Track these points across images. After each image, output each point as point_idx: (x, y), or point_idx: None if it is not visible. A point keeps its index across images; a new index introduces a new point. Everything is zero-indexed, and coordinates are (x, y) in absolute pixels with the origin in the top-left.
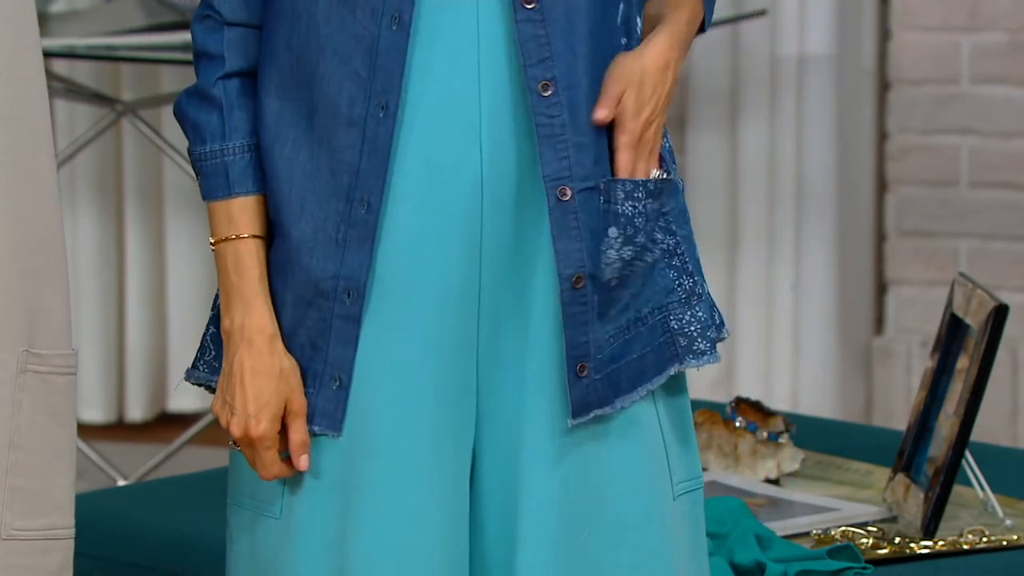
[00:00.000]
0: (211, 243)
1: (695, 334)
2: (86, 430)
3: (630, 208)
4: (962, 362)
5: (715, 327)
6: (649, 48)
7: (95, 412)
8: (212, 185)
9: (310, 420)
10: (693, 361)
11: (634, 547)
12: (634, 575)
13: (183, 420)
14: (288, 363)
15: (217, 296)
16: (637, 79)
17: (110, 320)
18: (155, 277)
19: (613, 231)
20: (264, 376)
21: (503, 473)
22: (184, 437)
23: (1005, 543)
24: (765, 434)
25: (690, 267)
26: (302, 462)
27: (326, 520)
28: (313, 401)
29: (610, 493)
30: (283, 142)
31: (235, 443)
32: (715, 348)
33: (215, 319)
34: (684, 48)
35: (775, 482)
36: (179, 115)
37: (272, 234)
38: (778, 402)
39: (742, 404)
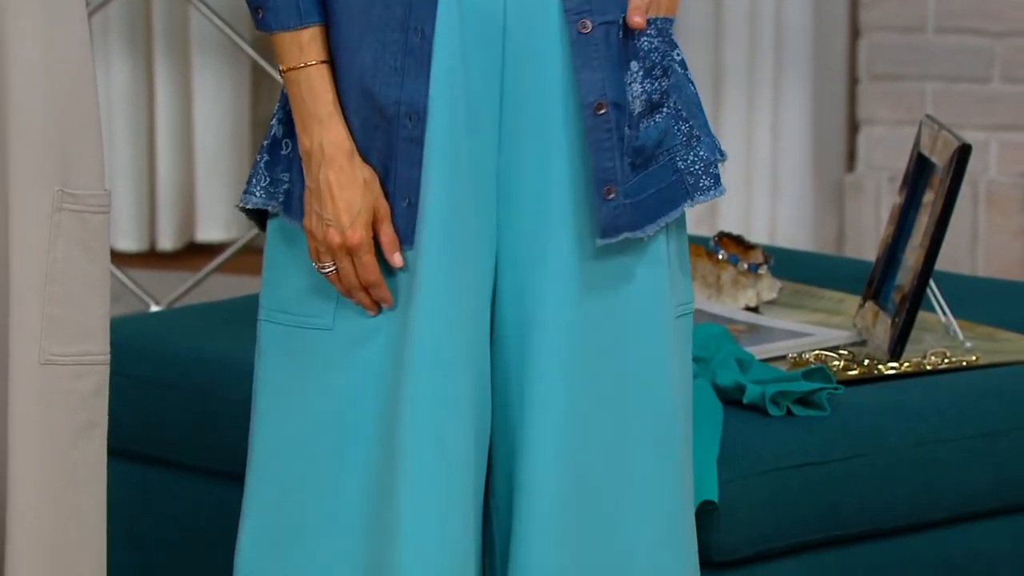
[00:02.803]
0: (281, 71)
1: (699, 172)
2: (121, 258)
3: (646, 44)
4: (928, 197)
5: (716, 163)
6: None
7: (129, 242)
8: (282, 17)
9: None
10: (701, 197)
11: (638, 355)
12: (637, 382)
13: (210, 250)
14: (368, 173)
15: (272, 127)
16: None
17: (142, 158)
18: (183, 118)
19: (635, 64)
20: (350, 188)
21: (520, 286)
22: (211, 265)
23: (965, 364)
24: (746, 265)
25: (684, 113)
26: (396, 259)
27: (390, 328)
28: None
29: (623, 307)
30: None
31: (322, 264)
32: (719, 182)
33: (270, 147)
34: None
35: (755, 310)
36: None
37: (334, 65)
38: (758, 235)
39: (724, 238)
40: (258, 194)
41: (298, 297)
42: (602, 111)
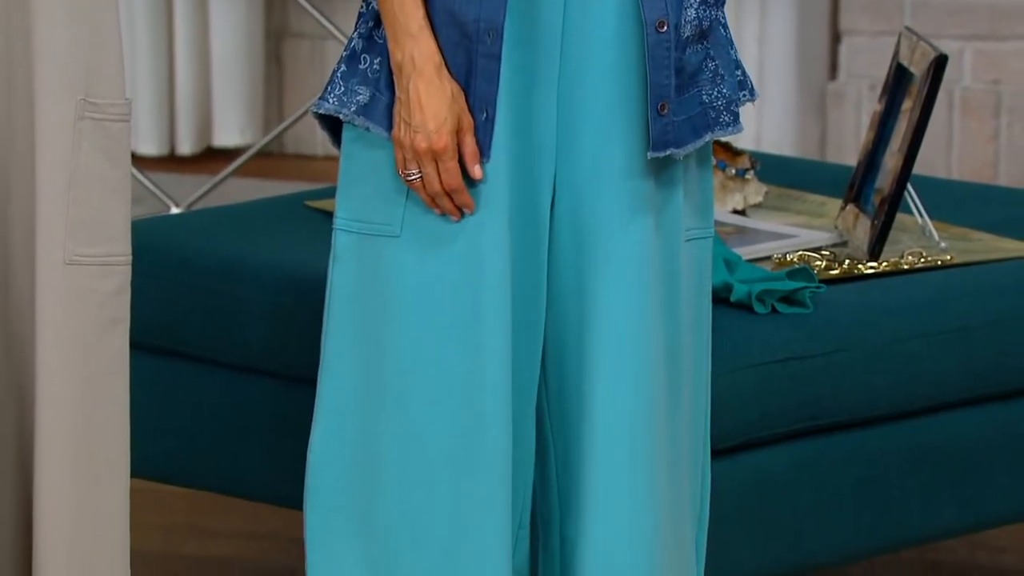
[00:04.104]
0: None
1: (721, 108)
2: (142, 162)
3: None
4: (906, 105)
5: (738, 101)
6: None
7: (150, 146)
8: None
9: None
10: (720, 131)
11: (662, 272)
12: (661, 297)
13: (226, 154)
14: (456, 87)
15: (352, 39)
16: None
17: (161, 67)
18: (200, 29)
19: None
20: (437, 97)
21: (577, 200)
22: (228, 169)
23: (939, 263)
24: (733, 171)
25: (711, 52)
26: (476, 171)
27: (452, 232)
28: None
29: (655, 224)
30: None
31: (407, 171)
32: (738, 120)
33: (348, 59)
34: None
35: (742, 212)
36: None
37: None
38: (744, 142)
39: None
40: (331, 100)
41: (369, 205)
42: (663, 29)
